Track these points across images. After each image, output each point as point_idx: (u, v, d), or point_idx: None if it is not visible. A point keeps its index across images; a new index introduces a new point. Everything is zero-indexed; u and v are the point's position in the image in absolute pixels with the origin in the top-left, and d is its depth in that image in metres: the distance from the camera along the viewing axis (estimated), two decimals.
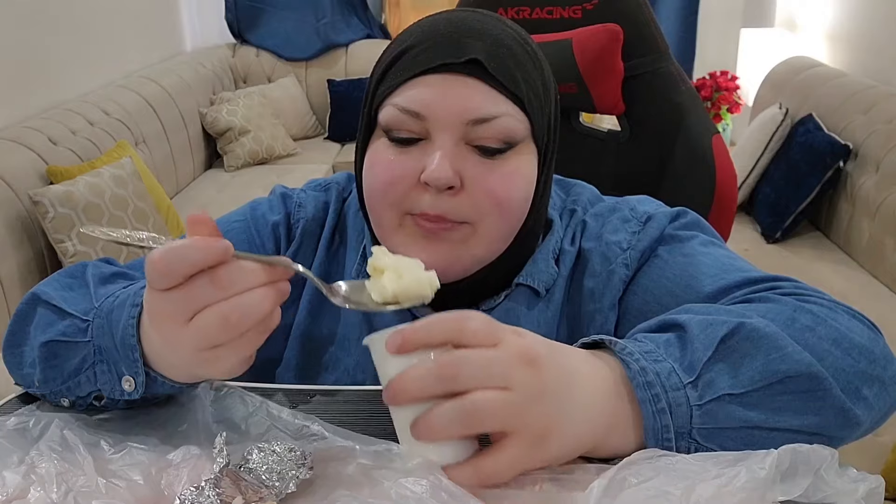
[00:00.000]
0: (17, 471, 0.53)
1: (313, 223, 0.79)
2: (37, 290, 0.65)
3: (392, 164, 0.66)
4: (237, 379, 0.69)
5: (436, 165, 0.63)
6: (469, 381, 0.47)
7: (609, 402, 0.52)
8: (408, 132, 0.66)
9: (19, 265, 2.09)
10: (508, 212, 0.67)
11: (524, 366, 0.49)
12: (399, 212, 0.67)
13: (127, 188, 2.37)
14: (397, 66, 0.67)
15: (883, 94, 2.62)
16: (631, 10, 1.31)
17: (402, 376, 0.49)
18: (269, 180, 3.33)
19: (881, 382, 0.56)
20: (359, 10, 4.16)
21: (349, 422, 0.60)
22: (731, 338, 0.53)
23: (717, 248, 0.71)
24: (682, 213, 0.75)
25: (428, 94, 0.64)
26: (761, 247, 2.66)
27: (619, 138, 1.40)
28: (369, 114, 0.70)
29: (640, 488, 0.47)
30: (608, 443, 0.52)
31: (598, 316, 0.73)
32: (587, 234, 0.76)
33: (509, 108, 0.65)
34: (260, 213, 0.80)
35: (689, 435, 0.52)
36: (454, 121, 0.64)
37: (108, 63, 3.11)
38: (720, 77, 3.82)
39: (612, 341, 0.55)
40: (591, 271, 0.74)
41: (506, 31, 0.67)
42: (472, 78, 0.64)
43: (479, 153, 0.66)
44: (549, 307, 0.74)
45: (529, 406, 0.48)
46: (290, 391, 0.66)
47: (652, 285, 0.70)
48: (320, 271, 0.78)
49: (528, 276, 0.73)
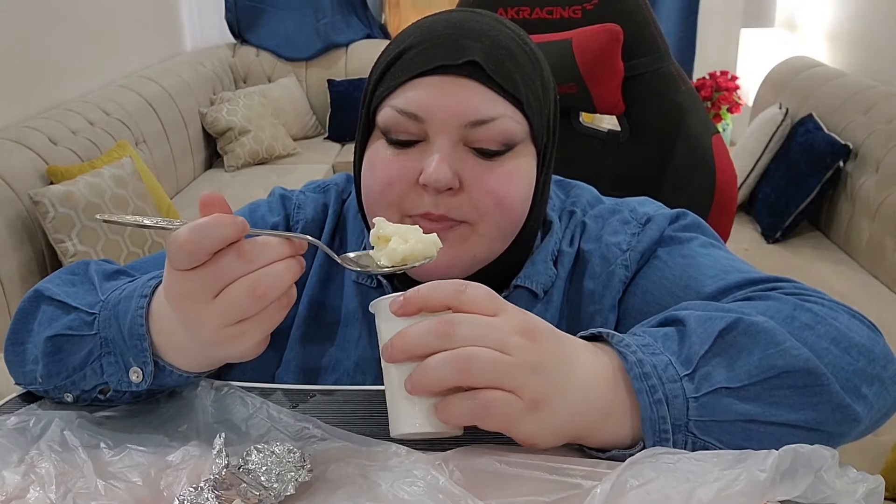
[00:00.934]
0: (16, 470, 0.53)
1: (312, 224, 0.80)
2: (40, 287, 0.66)
3: (390, 166, 0.67)
4: (237, 379, 0.71)
5: (434, 168, 0.63)
6: (466, 339, 0.48)
7: (608, 390, 0.52)
8: (406, 134, 0.66)
9: (19, 265, 2.09)
10: (509, 211, 0.67)
11: (522, 336, 0.50)
12: (398, 213, 0.67)
13: (127, 188, 2.37)
14: (395, 68, 0.67)
15: (883, 94, 2.62)
16: (631, 10, 1.31)
17: (400, 333, 0.50)
18: (270, 180, 3.33)
19: (881, 381, 0.56)
20: (359, 10, 4.16)
21: (349, 421, 0.61)
22: (728, 332, 0.54)
23: (716, 250, 0.71)
24: (682, 214, 0.75)
25: (426, 96, 0.64)
26: (761, 247, 2.66)
27: (619, 138, 1.40)
28: (367, 115, 0.70)
29: (640, 491, 0.47)
30: (603, 430, 0.53)
31: (598, 317, 0.73)
32: (586, 236, 0.76)
33: (508, 109, 0.65)
34: (259, 216, 0.80)
35: (686, 427, 0.52)
36: (452, 123, 0.64)
37: (108, 63, 3.11)
38: (720, 77, 3.82)
39: (610, 334, 0.55)
40: (591, 272, 0.74)
41: (504, 32, 0.67)
42: (470, 80, 0.64)
43: (478, 155, 0.66)
44: (547, 309, 0.74)
45: (526, 373, 0.49)
46: (289, 391, 0.66)
47: (652, 286, 0.71)
48: (320, 273, 0.78)
49: (526, 279, 0.74)
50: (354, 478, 0.51)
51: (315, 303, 0.77)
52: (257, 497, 0.48)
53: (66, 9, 2.78)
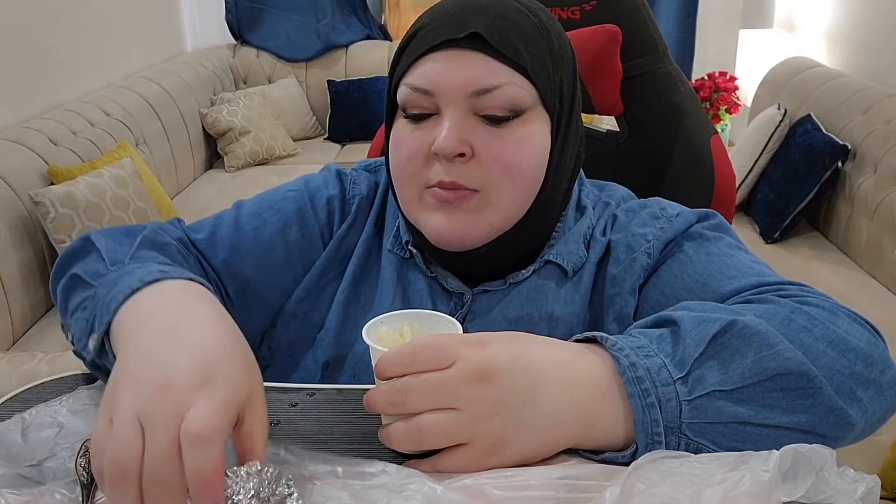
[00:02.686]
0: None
1: (366, 201, 0.84)
2: (90, 234, 0.69)
3: (409, 140, 0.70)
4: (281, 335, 0.81)
5: (443, 136, 0.67)
6: (416, 405, 0.51)
7: (595, 395, 0.53)
8: (420, 108, 0.70)
9: (20, 265, 2.09)
10: (519, 178, 0.69)
11: (475, 383, 0.51)
12: (419, 185, 0.71)
13: (128, 188, 2.37)
14: (409, 48, 0.71)
15: (881, 95, 2.62)
16: (629, 10, 1.32)
17: (369, 394, 0.53)
18: (270, 181, 3.34)
19: (877, 386, 0.56)
20: (359, 10, 4.17)
21: (349, 420, 0.61)
22: (722, 335, 0.54)
23: (741, 252, 0.71)
24: (711, 214, 0.76)
25: (434, 70, 0.68)
26: (760, 247, 2.66)
27: (618, 139, 1.40)
28: (390, 95, 0.73)
29: (647, 495, 0.47)
30: (591, 437, 0.53)
31: (618, 299, 0.74)
32: (616, 227, 0.78)
33: (513, 76, 0.68)
34: (315, 186, 0.84)
35: (679, 430, 0.52)
36: (459, 94, 0.67)
37: (108, 64, 3.11)
38: (719, 78, 3.82)
39: (604, 337, 0.56)
40: (616, 259, 0.75)
41: (511, 6, 0.70)
42: (473, 52, 0.67)
43: (487, 122, 0.69)
44: (577, 289, 0.76)
45: (480, 421, 0.51)
46: (289, 390, 0.66)
47: (672, 280, 0.71)
48: (366, 245, 0.82)
49: (558, 255, 0.76)
50: (344, 499, 0.49)
51: (358, 271, 0.81)
52: None
53: (67, 9, 2.78)
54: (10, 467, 0.54)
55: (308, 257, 0.81)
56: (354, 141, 3.95)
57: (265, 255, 0.79)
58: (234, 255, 0.78)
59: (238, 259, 0.78)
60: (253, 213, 0.81)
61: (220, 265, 0.77)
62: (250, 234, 0.79)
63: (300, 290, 0.80)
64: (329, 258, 0.81)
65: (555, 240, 0.77)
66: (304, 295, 0.80)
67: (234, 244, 0.78)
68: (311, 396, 0.65)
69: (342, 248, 0.82)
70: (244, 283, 0.78)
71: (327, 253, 0.81)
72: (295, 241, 0.80)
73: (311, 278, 0.80)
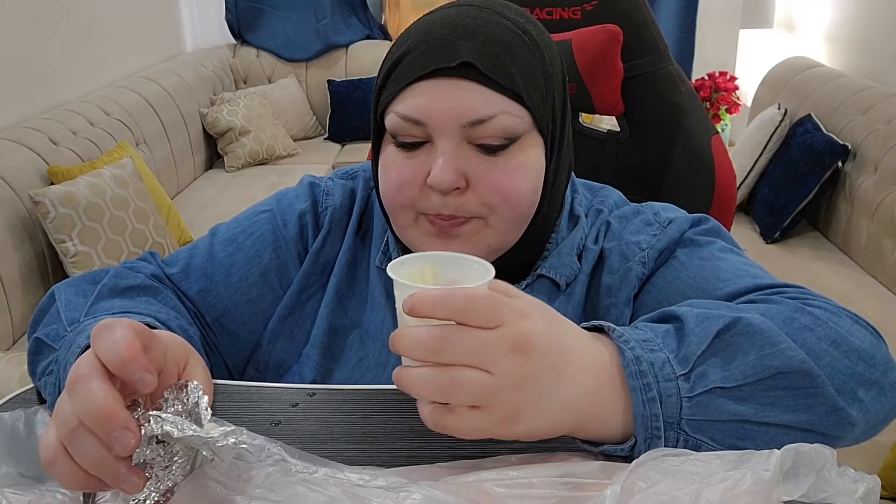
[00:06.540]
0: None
1: (341, 210, 0.82)
2: (55, 288, 0.69)
3: (401, 168, 0.69)
4: (267, 353, 0.78)
5: (438, 170, 0.66)
6: (453, 357, 0.48)
7: (602, 385, 0.52)
8: (412, 137, 0.68)
9: (20, 265, 2.09)
10: (517, 204, 0.69)
11: (513, 353, 0.49)
12: (412, 211, 0.70)
13: (128, 188, 2.37)
14: (396, 73, 0.68)
15: (881, 95, 2.63)
16: (630, 10, 1.32)
17: (399, 334, 0.49)
18: (270, 181, 3.34)
19: (879, 387, 0.56)
20: (359, 10, 4.17)
21: (349, 420, 0.61)
22: (726, 332, 0.54)
23: (734, 255, 0.71)
24: (704, 219, 0.76)
25: (424, 101, 0.66)
26: (760, 247, 2.66)
27: (619, 139, 1.40)
28: (376, 119, 0.72)
29: (648, 493, 0.47)
30: (588, 426, 0.53)
31: (614, 310, 0.74)
32: (610, 235, 0.78)
33: (507, 105, 0.66)
34: (286, 203, 0.82)
35: (678, 426, 0.52)
36: (452, 124, 0.66)
37: (108, 63, 3.11)
38: (719, 77, 3.82)
39: (610, 328, 0.55)
40: (610, 268, 0.75)
41: (500, 24, 0.67)
42: (466, 80, 0.65)
43: (482, 151, 0.67)
44: (569, 301, 0.75)
45: (506, 391, 0.49)
46: (289, 390, 0.66)
47: (667, 286, 0.71)
48: (348, 256, 0.81)
49: (550, 269, 0.75)
50: (343, 499, 0.48)
51: (343, 283, 0.79)
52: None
53: (67, 9, 2.78)
54: (11, 466, 0.54)
55: (285, 276, 0.80)
56: (354, 141, 3.95)
57: (241, 282, 0.78)
58: (209, 285, 0.78)
59: (213, 289, 0.78)
60: (227, 239, 0.80)
61: (195, 296, 0.77)
62: (225, 261, 0.78)
63: (281, 308, 0.79)
64: (307, 273, 0.80)
65: (548, 252, 0.77)
66: (286, 313, 0.79)
67: (209, 273, 0.78)
68: (311, 396, 0.65)
69: (320, 261, 0.81)
70: (223, 311, 0.78)
71: (304, 268, 0.80)
72: (270, 263, 0.79)
73: (292, 295, 0.79)
